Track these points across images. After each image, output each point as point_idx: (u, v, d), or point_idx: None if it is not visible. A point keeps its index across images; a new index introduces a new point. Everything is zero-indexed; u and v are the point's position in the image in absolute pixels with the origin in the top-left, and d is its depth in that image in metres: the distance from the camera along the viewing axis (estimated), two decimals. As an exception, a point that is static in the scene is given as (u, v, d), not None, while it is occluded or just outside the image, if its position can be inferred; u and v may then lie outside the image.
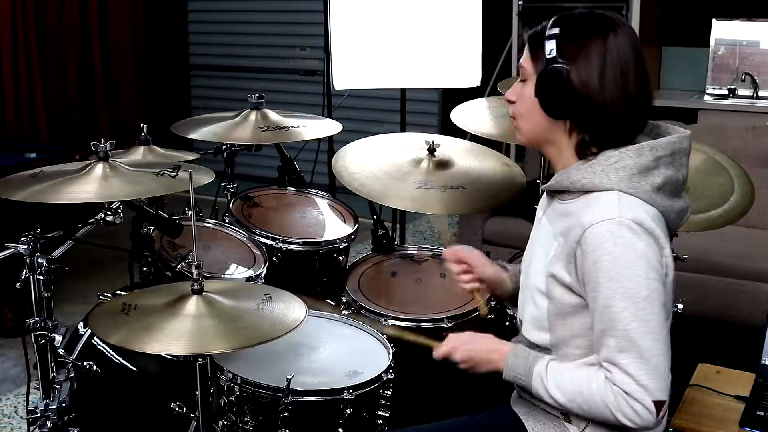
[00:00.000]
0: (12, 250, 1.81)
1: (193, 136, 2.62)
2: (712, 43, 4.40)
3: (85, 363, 1.97)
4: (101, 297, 2.06)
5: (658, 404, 1.45)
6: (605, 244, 1.47)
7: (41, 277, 1.82)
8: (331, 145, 3.96)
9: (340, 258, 2.64)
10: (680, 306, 2.32)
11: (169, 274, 2.27)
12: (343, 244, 2.62)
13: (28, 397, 2.07)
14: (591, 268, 1.48)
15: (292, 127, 2.69)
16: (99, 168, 1.92)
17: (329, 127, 2.83)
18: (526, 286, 1.68)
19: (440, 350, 1.73)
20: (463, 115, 2.64)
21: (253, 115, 2.69)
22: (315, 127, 2.78)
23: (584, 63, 1.50)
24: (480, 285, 1.90)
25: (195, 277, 1.73)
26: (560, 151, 1.60)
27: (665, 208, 1.54)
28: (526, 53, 1.61)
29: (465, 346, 1.70)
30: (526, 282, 1.68)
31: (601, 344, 1.50)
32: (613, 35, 1.51)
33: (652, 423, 1.46)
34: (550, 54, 1.52)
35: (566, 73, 1.50)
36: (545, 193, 1.70)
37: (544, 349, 1.63)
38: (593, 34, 1.52)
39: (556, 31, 1.53)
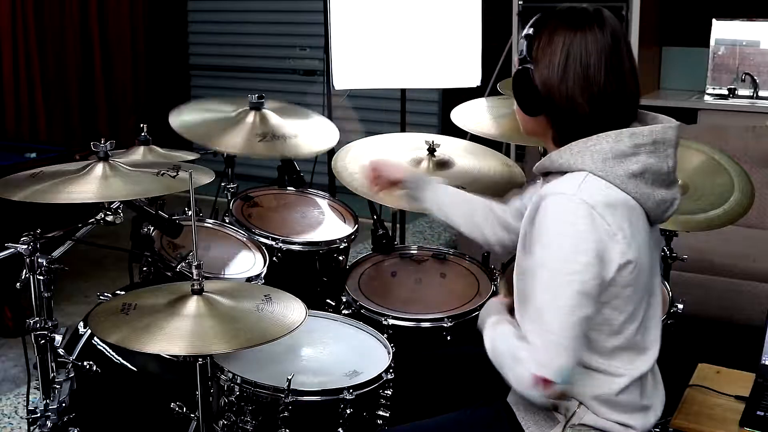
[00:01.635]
0: (12, 250, 1.80)
1: (192, 138, 2.61)
2: (712, 43, 4.40)
3: (85, 363, 1.97)
4: (101, 297, 2.06)
5: (541, 380, 1.47)
6: (551, 213, 1.51)
7: (41, 277, 1.82)
8: (331, 146, 3.96)
9: (340, 258, 2.63)
10: (680, 306, 2.32)
11: (169, 274, 2.27)
12: (343, 244, 2.62)
13: (28, 397, 2.07)
14: (536, 234, 1.54)
15: (290, 136, 2.65)
16: (99, 168, 1.92)
17: (328, 138, 2.76)
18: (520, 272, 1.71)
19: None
20: (463, 115, 2.64)
21: (251, 117, 2.64)
22: (313, 138, 2.72)
23: (547, 62, 1.55)
24: (389, 188, 2.12)
25: (195, 277, 1.73)
26: (548, 142, 1.66)
27: (641, 196, 1.54)
28: None
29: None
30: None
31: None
32: (583, 32, 1.54)
33: (528, 394, 1.51)
34: (521, 54, 1.60)
35: (530, 73, 1.57)
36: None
37: None
38: (562, 31, 1.55)
39: (530, 31, 1.59)
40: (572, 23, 1.55)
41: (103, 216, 1.97)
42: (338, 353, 2.06)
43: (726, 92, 4.36)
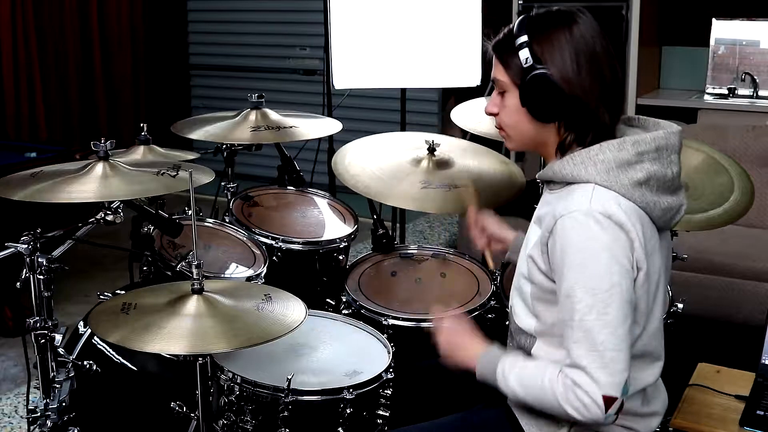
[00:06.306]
0: (12, 249, 1.80)
1: (193, 136, 2.62)
2: (711, 42, 4.41)
3: (85, 362, 1.97)
4: (101, 296, 2.06)
5: (608, 399, 1.45)
6: (571, 234, 1.49)
7: (41, 277, 1.82)
8: (331, 145, 3.96)
9: (340, 258, 2.64)
10: (680, 306, 2.32)
11: (169, 273, 2.27)
12: (343, 244, 2.62)
13: (28, 397, 2.07)
14: (558, 257, 1.51)
15: (291, 126, 2.69)
16: (99, 167, 1.92)
17: (329, 126, 2.82)
18: (516, 272, 1.71)
19: (435, 326, 1.79)
20: (463, 114, 2.64)
21: (253, 115, 2.69)
22: (314, 126, 2.78)
23: (558, 60, 1.54)
24: (491, 246, 2.03)
25: (195, 276, 1.73)
26: (548, 151, 1.65)
27: (647, 204, 1.53)
28: (497, 66, 1.63)
29: (449, 337, 1.74)
30: (517, 268, 1.71)
31: (562, 335, 1.52)
32: (576, 25, 1.55)
33: (600, 417, 1.46)
34: (526, 63, 1.56)
35: (548, 76, 1.54)
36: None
37: (530, 336, 1.65)
38: (558, 28, 1.55)
39: (524, 38, 1.56)
40: (559, 22, 1.56)
41: (103, 216, 1.97)
42: (338, 353, 2.06)
43: (726, 92, 4.37)
